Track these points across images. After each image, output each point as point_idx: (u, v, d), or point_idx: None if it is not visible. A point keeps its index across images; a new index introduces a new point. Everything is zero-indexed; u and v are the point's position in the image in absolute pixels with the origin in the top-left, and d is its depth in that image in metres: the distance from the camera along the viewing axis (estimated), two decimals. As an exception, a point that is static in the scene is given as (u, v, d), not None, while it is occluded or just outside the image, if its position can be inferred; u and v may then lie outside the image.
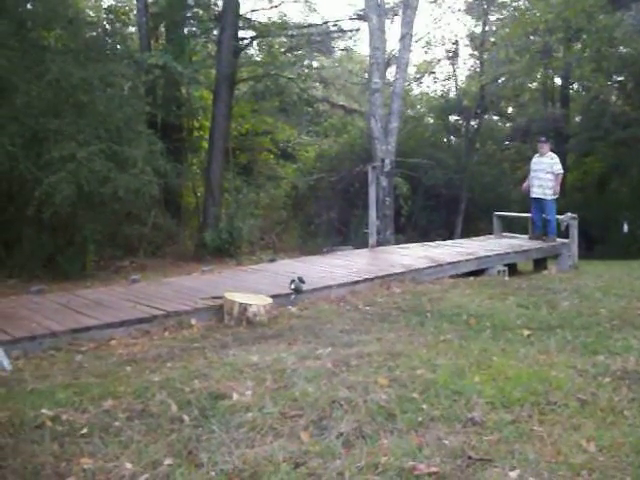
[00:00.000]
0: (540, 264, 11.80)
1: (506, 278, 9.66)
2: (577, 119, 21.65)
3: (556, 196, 11.77)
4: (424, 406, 3.57)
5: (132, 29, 17.71)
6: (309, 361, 4.48)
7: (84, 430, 3.33)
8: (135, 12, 17.06)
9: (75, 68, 10.51)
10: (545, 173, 11.69)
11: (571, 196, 18.82)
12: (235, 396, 3.72)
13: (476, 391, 3.77)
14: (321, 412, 3.47)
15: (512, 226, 14.04)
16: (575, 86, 22.04)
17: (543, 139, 12.32)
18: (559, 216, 12.01)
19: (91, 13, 16.98)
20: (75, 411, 3.59)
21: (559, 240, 11.91)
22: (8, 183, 10.71)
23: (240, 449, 3.11)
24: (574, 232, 11.92)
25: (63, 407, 3.63)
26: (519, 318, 6.26)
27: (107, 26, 14.10)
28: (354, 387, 3.82)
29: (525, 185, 12.30)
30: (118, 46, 13.60)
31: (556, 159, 11.78)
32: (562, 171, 11.81)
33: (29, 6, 11.84)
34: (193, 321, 6.28)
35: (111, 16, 15.50)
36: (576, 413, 3.56)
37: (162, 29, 18.25)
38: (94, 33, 12.96)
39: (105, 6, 18.15)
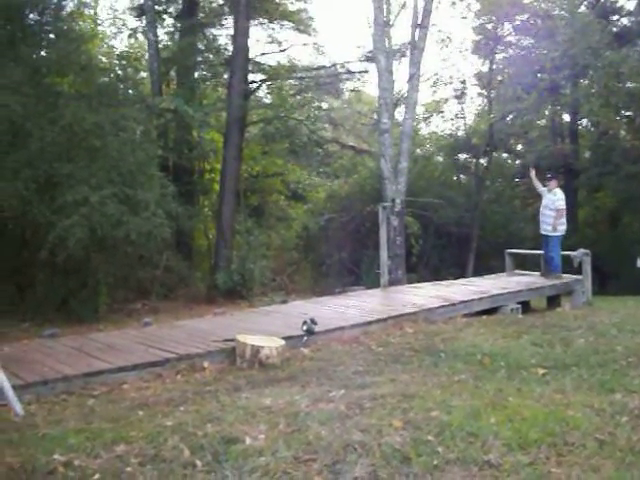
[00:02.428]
0: (554, 301, 11.71)
1: (519, 316, 9.59)
2: (587, 155, 21.71)
3: (560, 233, 11.73)
4: (439, 449, 3.51)
5: (144, 74, 18.01)
6: (322, 404, 4.44)
7: (96, 476, 3.30)
8: (147, 57, 17.38)
9: (88, 113, 10.67)
10: (549, 210, 11.73)
11: (583, 232, 18.79)
12: (248, 440, 3.68)
13: (492, 432, 3.71)
14: (335, 456, 3.42)
15: (524, 263, 13.98)
16: (584, 122, 22.16)
17: (549, 176, 12.40)
18: (572, 252, 11.98)
19: (104, 59, 17.26)
20: (87, 456, 3.55)
21: (572, 277, 11.85)
22: (22, 227, 10.85)
23: (253, 495, 3.07)
24: (587, 268, 11.86)
25: (75, 452, 3.60)
26: (534, 357, 6.19)
27: (119, 72, 14.29)
28: (368, 430, 3.76)
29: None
30: (130, 91, 13.78)
31: (559, 195, 11.78)
32: (563, 207, 11.76)
33: (43, 53, 12.08)
34: (205, 364, 6.26)
35: (123, 62, 15.72)
36: (594, 454, 3.49)
37: (173, 74, 18.55)
38: (107, 79, 13.14)
39: (117, 52, 18.51)
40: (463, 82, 20.85)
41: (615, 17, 20.90)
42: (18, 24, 11.41)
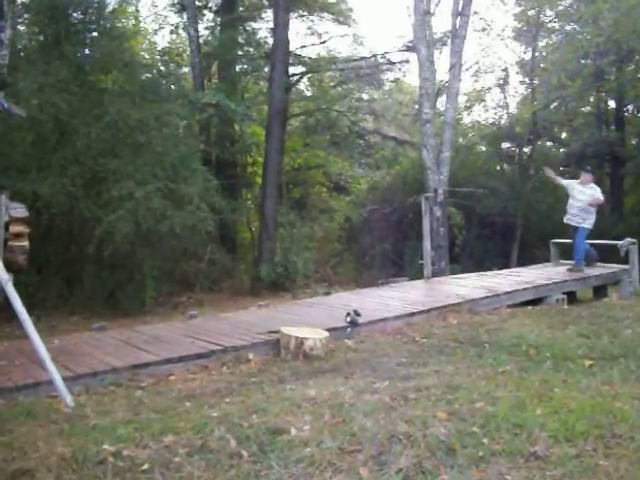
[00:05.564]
0: (600, 291, 11.53)
1: (565, 307, 9.47)
2: (633, 142, 21.20)
3: (589, 226, 11.52)
4: (485, 440, 3.49)
5: (186, 69, 18.20)
6: (367, 395, 4.45)
7: (145, 466, 3.35)
8: (188, 53, 17.54)
9: (132, 109, 10.83)
10: (587, 204, 11.45)
11: (629, 220, 18.36)
12: (293, 431, 3.70)
13: (538, 424, 3.68)
14: (380, 447, 3.43)
15: (569, 253, 13.75)
16: (630, 108, 21.64)
17: (589, 169, 12.14)
18: (618, 242, 11.78)
19: (146, 55, 17.51)
20: (136, 447, 3.61)
21: (619, 266, 11.65)
22: (69, 223, 11.07)
23: (299, 485, 3.09)
24: (634, 257, 11.65)
25: (124, 443, 3.65)
26: (580, 348, 6.11)
27: (162, 67, 14.46)
28: (413, 421, 3.76)
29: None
30: (172, 86, 13.92)
31: (596, 189, 11.56)
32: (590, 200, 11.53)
33: (87, 51, 12.28)
34: (250, 356, 6.32)
35: (165, 58, 15.93)
36: (643, 446, 3.43)
37: (214, 68, 18.70)
38: (149, 75, 13.30)
39: (159, 48, 18.73)
40: (505, 70, 20.59)
41: (662, -1, 20.33)
42: (62, 23, 11.61)
